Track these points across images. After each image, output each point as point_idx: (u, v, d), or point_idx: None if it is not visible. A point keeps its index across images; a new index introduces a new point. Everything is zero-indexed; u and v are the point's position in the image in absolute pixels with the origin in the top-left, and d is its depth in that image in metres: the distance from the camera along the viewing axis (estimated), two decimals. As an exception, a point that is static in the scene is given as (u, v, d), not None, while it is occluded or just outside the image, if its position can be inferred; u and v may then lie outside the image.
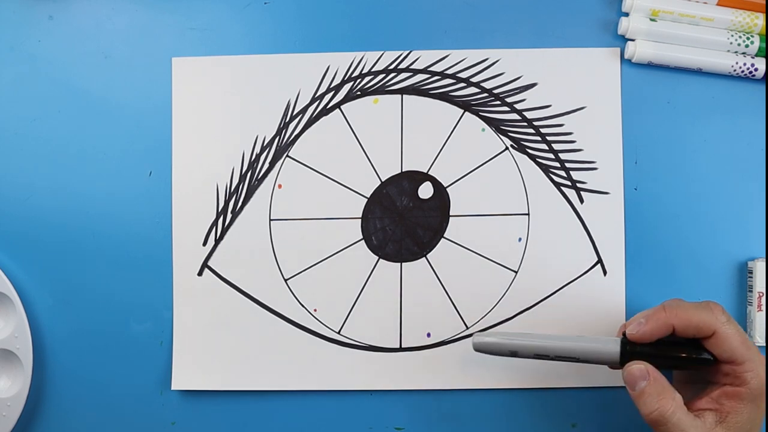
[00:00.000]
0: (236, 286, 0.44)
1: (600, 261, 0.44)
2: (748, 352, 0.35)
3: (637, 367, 0.36)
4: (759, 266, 0.42)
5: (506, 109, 0.44)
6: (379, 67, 0.44)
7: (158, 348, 0.45)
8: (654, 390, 0.35)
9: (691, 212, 0.44)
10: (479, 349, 0.39)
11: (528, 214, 0.44)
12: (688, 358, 0.36)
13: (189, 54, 0.45)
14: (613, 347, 0.37)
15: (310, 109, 0.44)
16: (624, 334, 0.37)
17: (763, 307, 0.42)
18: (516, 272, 0.44)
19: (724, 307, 0.37)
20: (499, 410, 0.44)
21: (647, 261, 0.44)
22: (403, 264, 0.44)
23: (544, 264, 0.44)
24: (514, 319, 0.44)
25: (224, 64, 0.45)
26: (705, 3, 0.43)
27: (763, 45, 0.43)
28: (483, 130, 0.44)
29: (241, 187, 0.44)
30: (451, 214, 0.44)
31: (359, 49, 0.44)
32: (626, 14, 0.44)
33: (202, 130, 0.45)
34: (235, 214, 0.44)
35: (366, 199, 0.44)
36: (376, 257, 0.44)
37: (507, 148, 0.44)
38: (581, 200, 0.44)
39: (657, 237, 0.44)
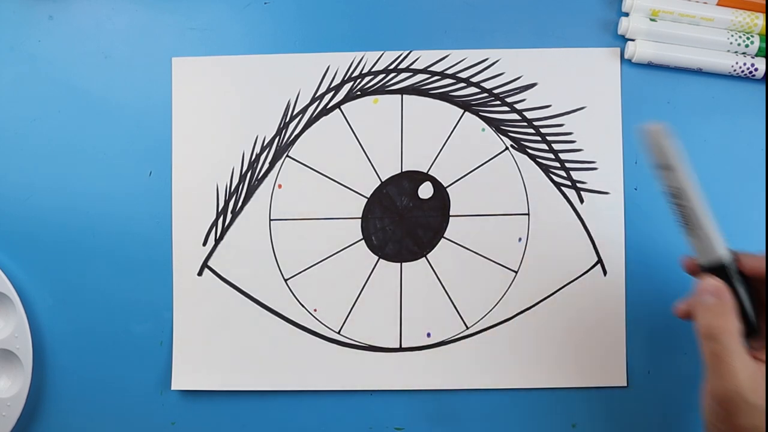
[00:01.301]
0: (236, 286, 0.44)
1: (600, 261, 0.44)
2: None
3: (714, 282, 0.35)
4: (759, 266, 0.42)
5: (506, 109, 0.44)
6: (379, 67, 0.44)
7: (158, 348, 0.45)
8: (716, 308, 0.35)
9: (691, 212, 0.44)
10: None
11: (528, 214, 0.44)
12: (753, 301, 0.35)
13: (189, 54, 0.45)
14: (724, 253, 0.35)
15: (310, 109, 0.44)
16: (734, 254, 0.36)
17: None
18: (516, 272, 0.44)
19: None
20: (499, 410, 0.44)
21: (647, 261, 0.44)
22: (403, 264, 0.44)
23: (544, 264, 0.44)
24: (514, 319, 0.44)
25: (224, 64, 0.45)
26: (705, 3, 0.43)
27: (763, 45, 0.43)
28: (483, 130, 0.44)
29: (241, 187, 0.44)
30: (451, 214, 0.44)
31: (359, 49, 0.44)
32: (626, 14, 0.44)
33: (202, 130, 0.45)
34: (235, 214, 0.44)
35: (366, 199, 0.44)
36: (376, 257, 0.44)
37: (507, 148, 0.44)
38: (581, 200, 0.44)
39: (657, 237, 0.44)
